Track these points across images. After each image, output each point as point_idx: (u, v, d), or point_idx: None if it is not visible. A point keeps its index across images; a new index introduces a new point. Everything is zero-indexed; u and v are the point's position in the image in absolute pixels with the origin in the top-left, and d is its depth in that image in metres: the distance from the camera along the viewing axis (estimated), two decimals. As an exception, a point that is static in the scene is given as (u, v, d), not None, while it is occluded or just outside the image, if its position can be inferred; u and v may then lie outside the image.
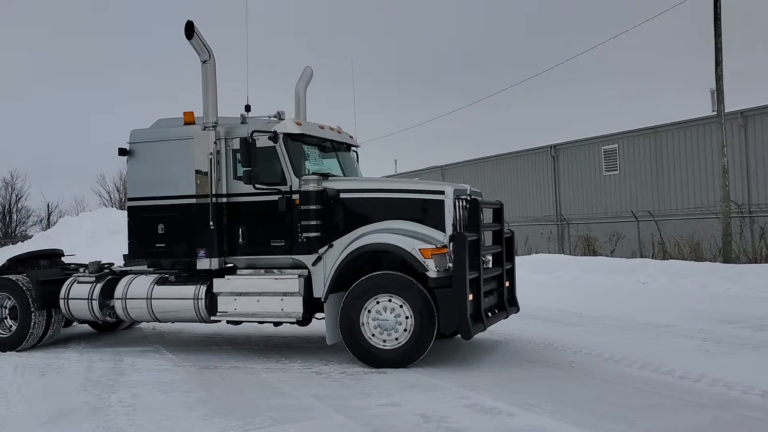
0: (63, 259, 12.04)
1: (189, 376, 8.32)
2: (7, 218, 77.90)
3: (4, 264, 11.47)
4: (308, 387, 7.55)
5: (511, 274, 10.17)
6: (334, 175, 9.57)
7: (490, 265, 9.63)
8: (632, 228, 23.30)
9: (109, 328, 12.07)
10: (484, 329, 8.78)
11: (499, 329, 10.72)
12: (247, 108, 9.36)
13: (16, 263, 11.39)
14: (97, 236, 36.19)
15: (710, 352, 8.88)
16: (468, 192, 9.24)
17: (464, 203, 8.98)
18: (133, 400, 7.20)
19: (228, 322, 9.44)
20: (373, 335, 8.41)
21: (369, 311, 8.41)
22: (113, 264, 10.98)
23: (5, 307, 10.55)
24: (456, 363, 8.61)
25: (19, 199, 76.93)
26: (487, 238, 9.62)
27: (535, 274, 19.92)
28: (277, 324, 9.45)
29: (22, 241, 49.83)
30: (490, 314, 9.18)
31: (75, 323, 11.51)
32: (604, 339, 9.92)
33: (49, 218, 75.57)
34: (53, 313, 10.48)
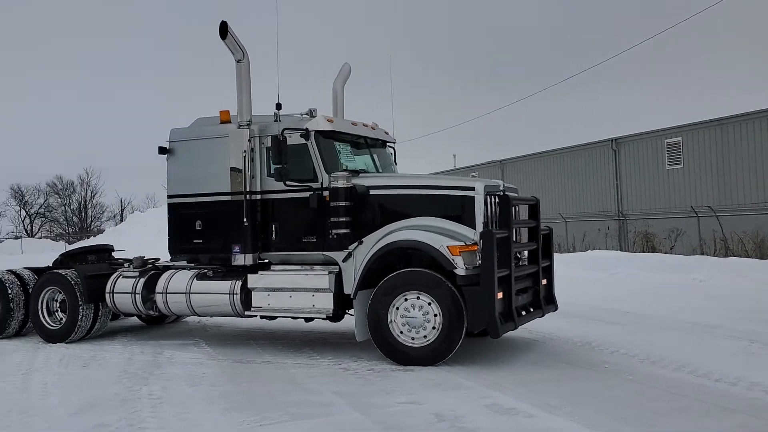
0: (114, 254, 12.45)
1: (221, 370, 8.49)
2: (83, 214, 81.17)
3: (57, 259, 11.95)
4: (333, 383, 7.60)
5: (548, 272, 9.98)
6: (366, 172, 9.59)
7: (526, 263, 9.50)
8: (694, 224, 22.52)
9: (157, 322, 12.41)
10: (516, 328, 8.65)
11: (539, 327, 10.56)
12: (278, 106, 9.46)
13: (68, 258, 11.85)
14: (163, 231, 37.34)
15: (756, 354, 8.54)
16: (501, 188, 9.10)
17: (497, 200, 8.84)
18: (161, 392, 7.38)
19: (261, 317, 9.57)
20: (401, 333, 8.39)
21: (397, 308, 8.39)
22: (158, 259, 11.28)
23: (56, 301, 10.98)
24: (486, 362, 8.51)
25: (94, 195, 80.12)
26: (523, 235, 9.53)
27: (590, 272, 19.52)
28: (308, 320, 9.54)
29: (94, 236, 51.84)
30: (524, 312, 9.04)
31: (122, 316, 11.87)
32: (645, 339, 9.63)
33: (122, 214, 78.33)
34: (100, 307, 10.83)
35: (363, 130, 10.04)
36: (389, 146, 10.97)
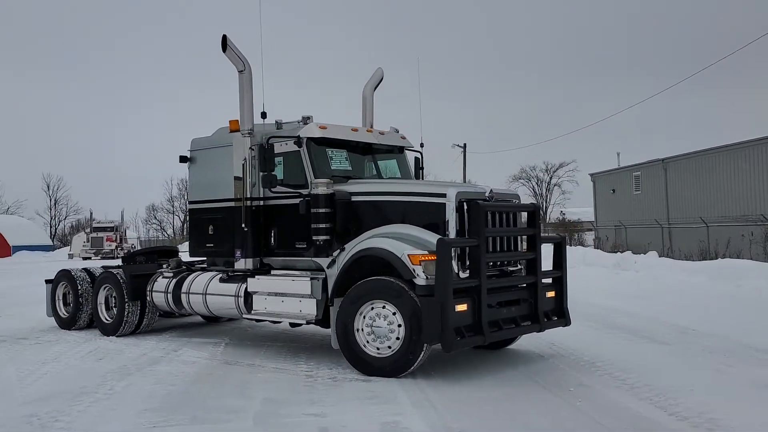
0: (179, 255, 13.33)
1: (202, 370, 8.81)
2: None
3: (125, 258, 13.04)
4: (277, 389, 7.65)
5: (559, 283, 9.26)
6: (357, 178, 9.51)
7: (523, 273, 8.93)
8: None
9: (215, 320, 13.07)
10: (485, 342, 8.17)
11: (564, 341, 9.97)
12: (263, 115, 9.57)
13: (134, 257, 12.88)
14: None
15: (768, 386, 7.39)
16: (488, 194, 8.59)
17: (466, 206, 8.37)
18: (121, 388, 7.84)
19: (257, 320, 9.82)
20: (367, 342, 8.24)
21: (364, 317, 8.25)
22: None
23: (114, 297, 11.97)
24: (457, 375, 8.13)
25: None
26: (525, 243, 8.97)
27: (714, 282, 17.71)
28: (294, 325, 9.65)
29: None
30: (513, 325, 8.51)
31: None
32: (666, 361, 8.76)
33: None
34: (147, 304, 11.66)
35: (365, 136, 9.96)
36: (413, 152, 10.79)
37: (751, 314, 12.82)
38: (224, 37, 9.70)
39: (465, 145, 50.10)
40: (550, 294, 9.14)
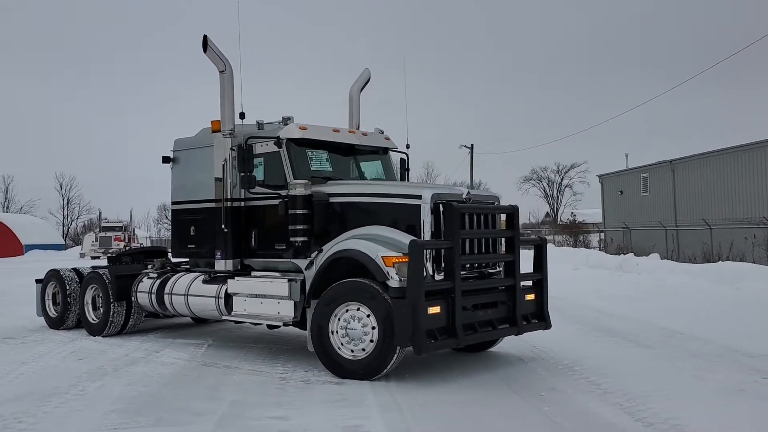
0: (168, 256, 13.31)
1: (178, 372, 8.78)
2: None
3: (113, 258, 13.05)
4: (247, 392, 7.61)
5: (539, 286, 9.17)
6: (337, 179, 9.45)
7: (501, 275, 8.84)
8: None
9: (203, 321, 13.03)
10: (459, 345, 8.11)
11: (546, 344, 9.94)
12: (242, 115, 9.55)
13: (119, 258, 12.88)
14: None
15: (743, 391, 7.29)
16: (465, 196, 8.52)
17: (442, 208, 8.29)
18: (94, 389, 7.82)
19: (237, 322, 9.78)
20: (342, 344, 8.18)
21: (339, 319, 8.19)
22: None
23: (100, 297, 11.95)
24: (429, 379, 8.07)
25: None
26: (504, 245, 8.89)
27: (712, 284, 17.58)
28: (271, 327, 9.60)
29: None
30: (491, 328, 8.43)
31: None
32: (643, 366, 8.65)
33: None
34: (132, 305, 11.64)
35: (347, 137, 9.90)
36: (398, 153, 10.72)
37: (747, 318, 12.71)
38: (205, 38, 9.69)
39: (472, 146, 49.95)
40: (530, 297, 9.05)
